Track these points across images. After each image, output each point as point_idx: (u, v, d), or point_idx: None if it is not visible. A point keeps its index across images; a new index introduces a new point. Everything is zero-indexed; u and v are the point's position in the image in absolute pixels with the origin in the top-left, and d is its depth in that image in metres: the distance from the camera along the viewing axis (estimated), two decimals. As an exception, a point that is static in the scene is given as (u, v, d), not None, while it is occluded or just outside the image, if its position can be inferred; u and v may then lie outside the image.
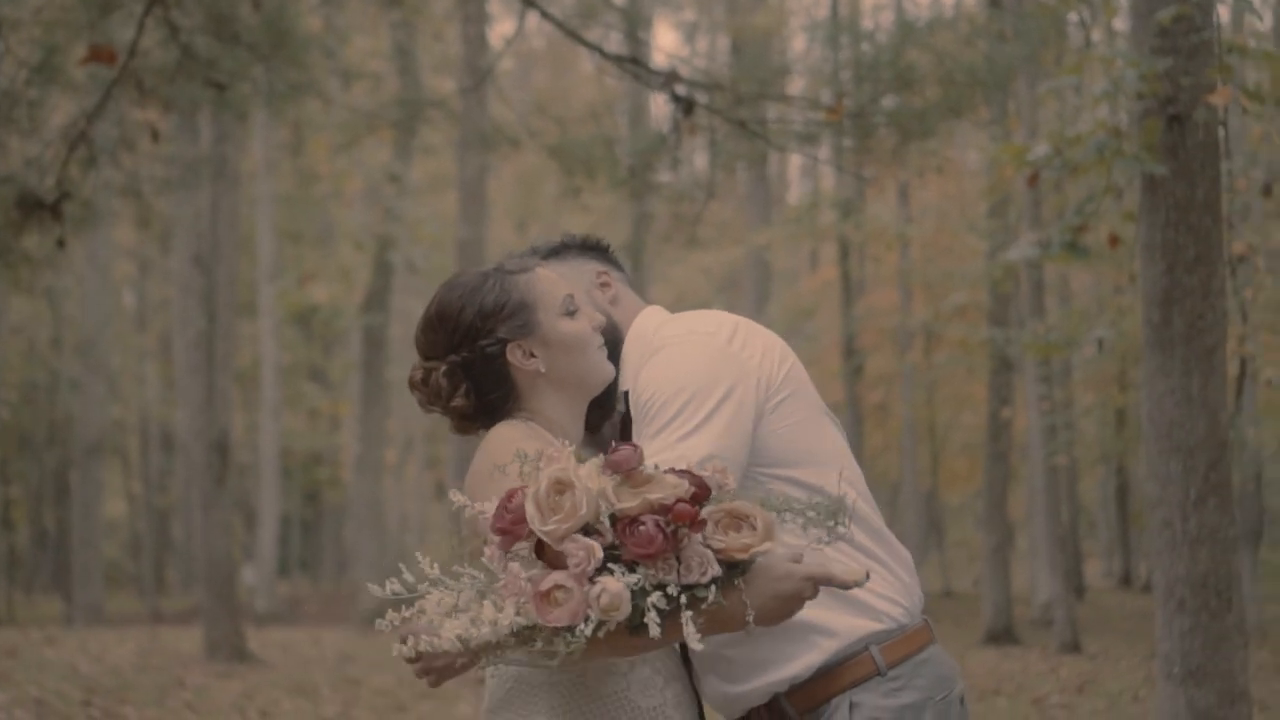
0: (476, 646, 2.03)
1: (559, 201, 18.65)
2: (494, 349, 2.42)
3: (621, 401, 2.58)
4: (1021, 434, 19.59)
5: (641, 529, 2.00)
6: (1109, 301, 15.62)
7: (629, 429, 2.50)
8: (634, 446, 2.07)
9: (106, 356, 23.13)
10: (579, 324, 2.47)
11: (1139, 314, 5.42)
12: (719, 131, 8.18)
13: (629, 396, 2.52)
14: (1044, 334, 13.62)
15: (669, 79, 7.63)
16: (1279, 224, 11.58)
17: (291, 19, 8.12)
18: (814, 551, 2.16)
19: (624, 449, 2.05)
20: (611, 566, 2.01)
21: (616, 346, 2.59)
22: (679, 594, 2.02)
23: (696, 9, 29.84)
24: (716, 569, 2.03)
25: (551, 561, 2.02)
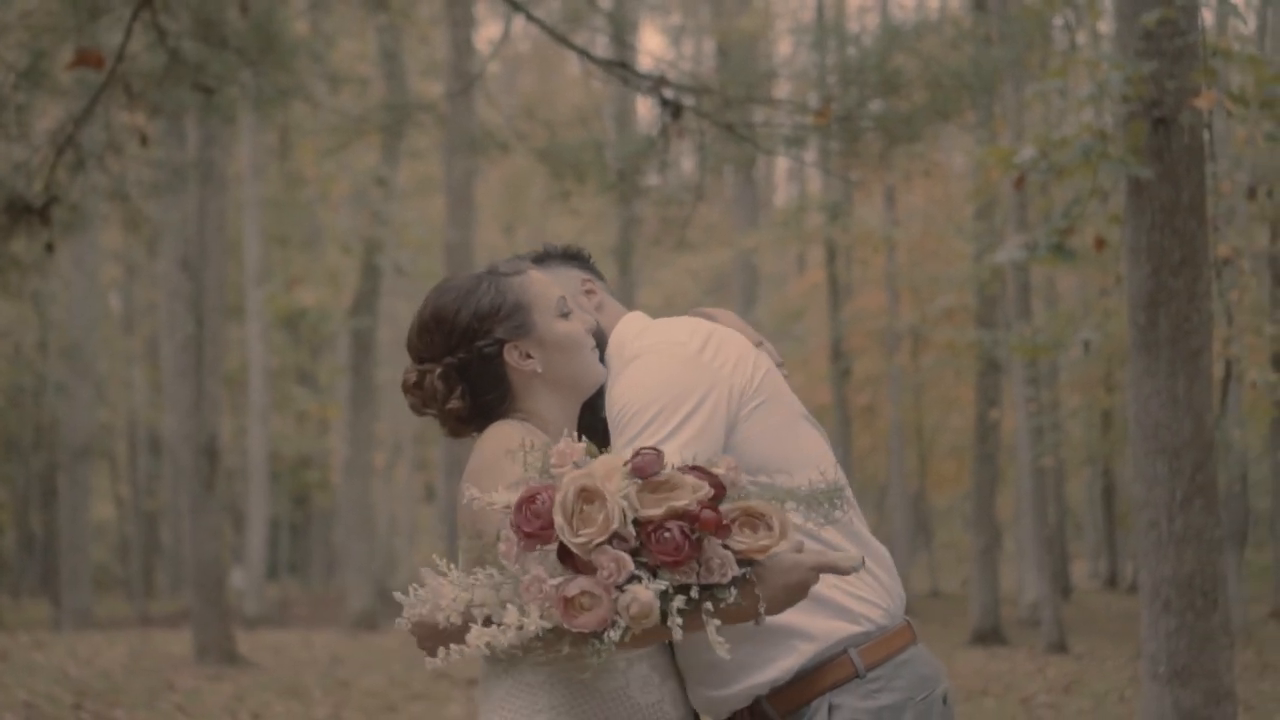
0: (502, 652, 2.04)
1: (547, 205, 18.68)
2: (491, 350, 2.43)
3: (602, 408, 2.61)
4: (1009, 436, 19.64)
5: (667, 536, 2.02)
6: (1095, 304, 15.66)
7: (607, 436, 2.53)
8: (656, 451, 2.09)
9: (93, 360, 23.04)
10: (573, 325, 2.50)
11: (1125, 316, 5.45)
12: (707, 135, 8.19)
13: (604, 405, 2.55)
14: (1031, 336, 13.65)
15: (657, 83, 7.65)
16: (1264, 227, 11.63)
17: (279, 23, 8.13)
18: (810, 541, 2.21)
19: (646, 454, 2.08)
20: (637, 573, 2.03)
21: (603, 351, 2.62)
22: (700, 595, 2.06)
23: (682, 12, 29.86)
24: (736, 569, 2.07)
25: (577, 567, 2.04)
